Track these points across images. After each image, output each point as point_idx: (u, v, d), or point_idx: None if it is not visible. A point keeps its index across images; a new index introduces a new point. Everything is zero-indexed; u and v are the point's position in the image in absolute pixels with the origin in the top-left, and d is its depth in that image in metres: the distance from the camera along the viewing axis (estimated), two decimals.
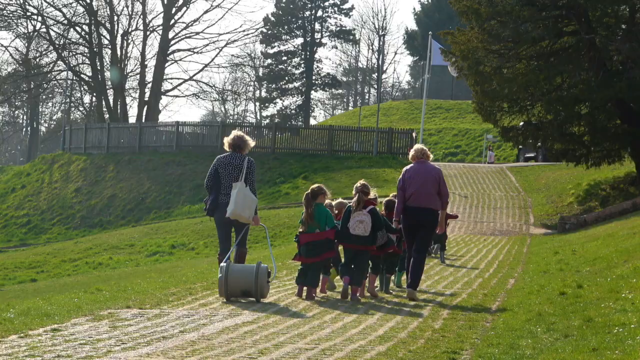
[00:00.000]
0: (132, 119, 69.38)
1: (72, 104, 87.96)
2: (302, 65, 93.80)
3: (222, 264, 12.03)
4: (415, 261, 12.82)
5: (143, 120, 64.63)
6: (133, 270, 27.59)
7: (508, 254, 20.92)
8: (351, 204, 12.60)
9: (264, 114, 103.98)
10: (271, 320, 10.21)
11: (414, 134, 48.15)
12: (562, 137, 30.57)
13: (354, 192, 12.65)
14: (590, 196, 31.94)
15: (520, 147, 44.66)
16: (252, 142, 13.02)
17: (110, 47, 68.13)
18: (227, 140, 12.98)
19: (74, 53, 70.55)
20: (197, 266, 21.07)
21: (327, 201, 13.08)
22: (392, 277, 14.20)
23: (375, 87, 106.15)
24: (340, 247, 13.19)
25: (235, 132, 13.11)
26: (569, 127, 30.81)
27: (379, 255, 13.19)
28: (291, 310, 11.11)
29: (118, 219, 45.57)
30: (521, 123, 32.29)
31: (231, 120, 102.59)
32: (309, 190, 12.67)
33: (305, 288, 12.54)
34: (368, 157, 47.81)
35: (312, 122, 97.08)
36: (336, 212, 13.60)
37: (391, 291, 13.86)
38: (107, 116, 67.23)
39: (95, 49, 67.01)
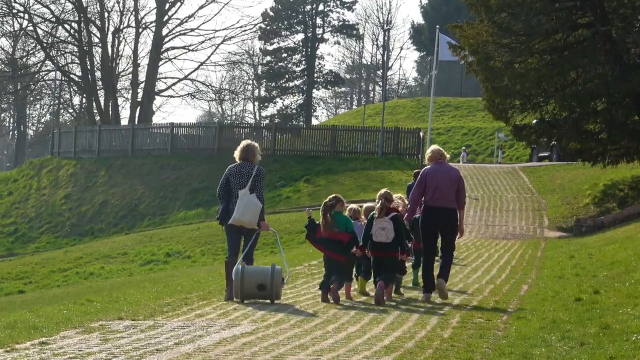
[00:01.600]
0: (124, 121, 69.47)
1: (61, 106, 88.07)
2: (303, 62, 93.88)
3: (236, 266, 12.82)
4: (447, 254, 13.68)
5: (136, 122, 64.65)
6: (126, 280, 27.59)
7: (521, 259, 20.91)
8: (374, 211, 13.30)
9: (263, 114, 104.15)
10: (271, 331, 10.20)
11: (421, 134, 48.16)
12: (577, 135, 30.55)
13: (377, 199, 13.31)
14: (607, 197, 31.92)
15: (533, 146, 44.66)
16: (259, 154, 13.72)
17: (100, 45, 68.19)
18: (237, 150, 13.66)
19: (63, 52, 70.67)
20: (194, 275, 21.07)
21: (353, 206, 14.01)
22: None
23: (380, 84, 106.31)
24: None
25: (245, 142, 13.83)
26: (585, 124, 30.79)
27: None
28: (292, 320, 11.12)
29: (110, 227, 45.60)
30: (534, 121, 32.29)
31: (229, 121, 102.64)
32: (327, 199, 13.35)
33: (331, 288, 13.05)
34: (373, 158, 47.80)
35: (314, 122, 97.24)
36: (363, 217, 14.17)
37: (402, 293, 14.34)
38: (98, 118, 67.31)
39: (85, 48, 67.09)
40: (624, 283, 13.09)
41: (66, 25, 68.41)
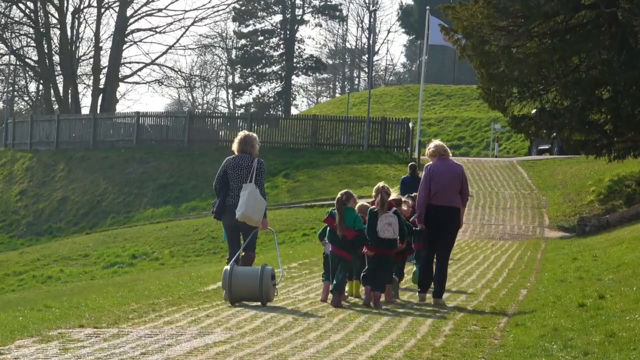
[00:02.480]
0: (85, 110, 69.28)
1: (15, 93, 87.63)
2: (282, 46, 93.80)
3: (225, 267, 13.26)
4: (443, 263, 14.11)
5: (98, 111, 64.49)
6: (87, 284, 27.53)
7: (520, 261, 20.97)
8: (374, 207, 13.62)
9: (238, 102, 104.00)
10: (247, 340, 10.20)
11: (410, 124, 48.20)
12: (580, 126, 30.62)
13: (374, 193, 13.68)
14: (613, 194, 32.04)
15: (532, 138, 44.73)
16: (257, 145, 14.17)
17: (59, 27, 67.93)
18: (235, 142, 14.11)
19: (17, 34, 70.40)
20: (162, 278, 21.03)
21: (362, 203, 14.31)
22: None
23: (366, 70, 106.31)
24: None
25: (243, 132, 14.33)
26: (589, 114, 30.86)
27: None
28: (270, 328, 11.11)
29: (70, 226, 45.47)
30: (533, 110, 32.34)
31: (200, 111, 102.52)
32: (339, 195, 13.70)
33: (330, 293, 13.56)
34: (358, 151, 47.83)
35: (294, 111, 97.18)
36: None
37: (399, 298, 14.61)
38: (56, 107, 67.10)
39: (41, 29, 66.82)
40: (631, 287, 13.14)
41: (21, 5, 68.14)
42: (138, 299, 14.49)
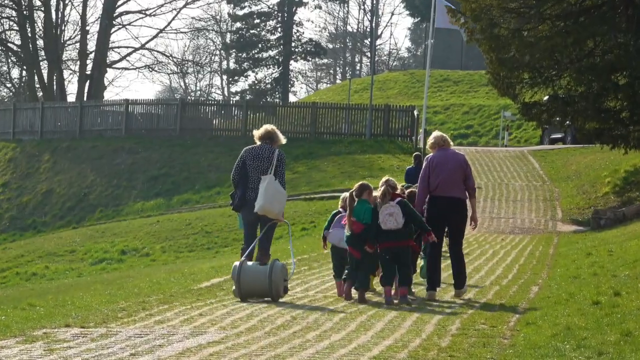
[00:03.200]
0: (71, 97, 69.14)
1: None
2: (279, 29, 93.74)
3: (235, 263, 13.72)
4: (457, 257, 14.55)
5: (85, 99, 64.41)
6: (74, 281, 27.55)
7: (531, 256, 20.99)
8: (377, 200, 13.85)
9: (233, 89, 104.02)
10: (242, 340, 10.22)
11: (415, 112, 48.19)
12: (595, 113, 30.60)
13: (380, 185, 13.95)
14: (629, 185, 32.05)
15: (544, 126, 44.75)
16: (283, 139, 14.74)
17: (43, 9, 67.81)
18: (256, 132, 14.57)
19: None
20: (153, 275, 21.07)
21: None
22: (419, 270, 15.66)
23: (368, 55, 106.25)
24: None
25: (266, 126, 14.74)
26: (604, 101, 30.85)
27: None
28: (267, 327, 11.13)
29: (55, 220, 45.48)
30: (546, 97, 32.32)
31: (193, 98, 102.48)
32: (352, 189, 14.14)
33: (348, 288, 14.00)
34: (360, 140, 47.82)
35: (292, 98, 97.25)
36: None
37: (413, 293, 14.67)
38: (40, 94, 66.96)
39: (25, 12, 66.70)
40: None
41: None
42: (127, 297, 14.51)
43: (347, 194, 14.46)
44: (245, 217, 14.30)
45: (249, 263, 13.76)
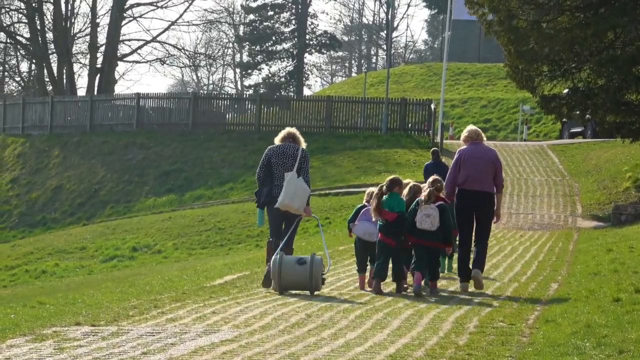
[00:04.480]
0: (81, 92, 69.26)
1: (6, 73, 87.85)
2: (293, 21, 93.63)
3: (275, 257, 14.08)
4: (481, 248, 15.04)
5: (95, 93, 64.52)
6: (85, 279, 27.61)
7: (550, 253, 20.97)
8: (421, 197, 14.53)
9: (246, 82, 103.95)
10: (256, 338, 10.22)
11: (432, 106, 48.13)
12: (616, 106, 30.53)
13: (427, 185, 14.67)
14: None
15: (564, 120, 44.66)
16: (304, 143, 15.34)
17: (52, 1, 67.94)
18: (278, 136, 15.27)
19: (8, 10, 70.38)
20: (165, 273, 21.10)
21: (413, 183, 15.37)
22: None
23: (384, 48, 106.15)
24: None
25: (287, 128, 15.49)
26: (625, 94, 30.79)
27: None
28: (282, 325, 11.13)
29: (65, 216, 45.58)
30: (565, 90, 32.26)
31: (205, 92, 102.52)
32: (384, 182, 14.67)
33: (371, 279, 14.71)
34: (376, 135, 47.80)
35: (306, 92, 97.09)
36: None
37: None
38: (50, 88, 67.10)
39: (34, 5, 66.81)
40: None
41: None
42: (139, 294, 14.53)
43: (372, 189, 15.00)
44: (271, 212, 14.78)
45: (288, 257, 14.19)
